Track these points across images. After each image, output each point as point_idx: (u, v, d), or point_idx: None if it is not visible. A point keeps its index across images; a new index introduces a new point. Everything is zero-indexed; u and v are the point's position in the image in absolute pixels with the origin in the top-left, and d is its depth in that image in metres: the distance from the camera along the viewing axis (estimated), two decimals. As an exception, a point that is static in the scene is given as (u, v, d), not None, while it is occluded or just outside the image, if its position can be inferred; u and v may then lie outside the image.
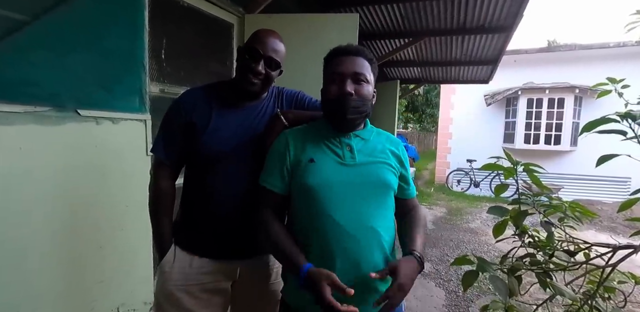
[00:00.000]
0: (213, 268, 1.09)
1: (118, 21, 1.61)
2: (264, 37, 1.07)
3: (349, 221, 0.89)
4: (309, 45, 2.36)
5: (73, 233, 1.42)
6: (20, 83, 1.26)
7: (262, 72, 1.06)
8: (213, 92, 1.14)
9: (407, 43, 4.38)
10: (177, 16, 2.11)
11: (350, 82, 0.93)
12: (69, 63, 1.40)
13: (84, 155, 1.46)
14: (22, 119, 1.26)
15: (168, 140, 1.11)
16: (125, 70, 1.65)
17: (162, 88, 1.99)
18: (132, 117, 1.66)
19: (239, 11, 2.52)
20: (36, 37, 1.30)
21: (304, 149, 0.96)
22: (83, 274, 1.47)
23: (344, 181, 0.92)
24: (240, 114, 1.11)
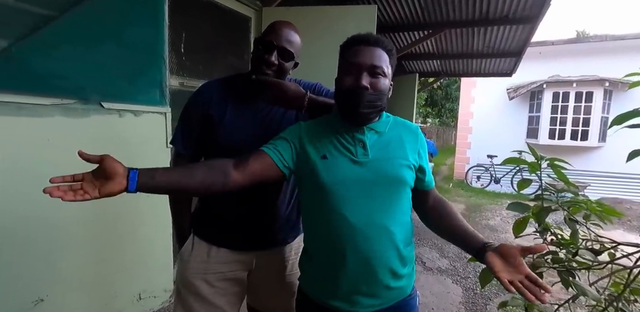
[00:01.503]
0: (230, 258, 1.11)
1: (139, 16, 1.64)
2: (278, 29, 1.07)
3: (360, 219, 0.88)
4: (326, 37, 2.33)
5: (96, 222, 1.48)
6: (47, 76, 1.30)
7: (275, 63, 1.04)
8: (229, 84, 1.14)
9: (427, 35, 4.27)
10: (195, 10, 2.13)
11: (366, 74, 0.89)
12: (93, 57, 1.44)
13: (107, 146, 1.51)
14: (50, 111, 1.31)
15: (186, 132, 1.13)
16: (146, 64, 1.68)
17: (182, 81, 2.02)
18: (153, 110, 1.69)
19: (257, 4, 2.52)
20: (62, 31, 1.34)
21: (317, 144, 0.94)
22: (106, 262, 1.53)
23: (356, 178, 0.90)
24: (256, 105, 1.11)
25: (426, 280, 2.94)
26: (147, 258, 1.70)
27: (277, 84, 1.01)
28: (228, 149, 1.07)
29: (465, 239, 0.91)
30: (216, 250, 1.11)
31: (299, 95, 1.02)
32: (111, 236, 1.54)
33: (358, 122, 0.93)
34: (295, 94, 1.02)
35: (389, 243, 0.90)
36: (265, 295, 1.19)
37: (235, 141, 1.07)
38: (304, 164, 0.93)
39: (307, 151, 0.93)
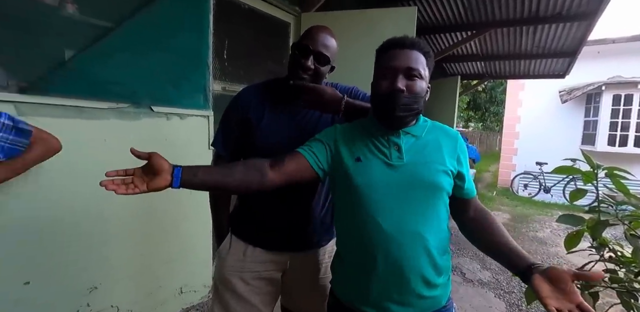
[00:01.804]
0: (265, 258, 1.13)
1: (187, 24, 1.74)
2: (315, 33, 1.08)
3: (392, 225, 0.86)
4: (364, 41, 2.33)
5: (143, 218, 1.58)
6: (104, 83, 1.42)
7: (311, 67, 1.06)
8: (267, 89, 1.18)
9: (470, 36, 4.11)
10: (237, 17, 2.22)
11: (402, 77, 0.87)
12: (144, 64, 1.55)
13: (156, 147, 1.58)
14: (106, 115, 1.42)
15: (226, 134, 1.17)
16: (192, 70, 1.78)
17: (224, 86, 2.11)
18: (197, 114, 1.78)
19: (296, 10, 2.57)
20: (118, 41, 1.46)
21: (352, 146, 0.94)
22: (151, 255, 1.63)
23: (390, 182, 0.88)
24: (292, 109, 1.12)
25: (465, 292, 2.80)
26: (188, 253, 1.78)
27: (313, 88, 1.02)
28: (265, 151, 1.10)
29: (510, 257, 0.85)
30: (252, 249, 1.13)
31: (336, 99, 1.02)
32: (156, 230, 1.64)
33: (394, 126, 0.92)
34: (331, 98, 1.02)
35: (422, 250, 0.87)
36: (298, 296, 1.20)
37: (272, 144, 1.10)
38: (338, 166, 0.93)
39: (341, 153, 0.93)
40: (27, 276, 1.22)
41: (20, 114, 1.20)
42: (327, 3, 2.58)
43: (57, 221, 1.29)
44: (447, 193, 0.92)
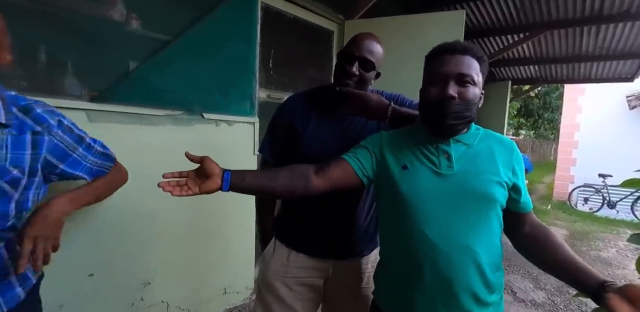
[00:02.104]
0: (308, 264, 1.14)
1: (236, 35, 1.83)
2: (360, 40, 1.09)
3: (440, 236, 0.82)
4: (409, 47, 2.29)
5: (192, 219, 1.66)
6: (162, 91, 1.53)
7: (356, 73, 1.05)
8: (313, 96, 1.20)
9: (523, 38, 3.89)
10: (282, 27, 2.29)
11: (453, 84, 0.84)
12: (197, 73, 1.65)
13: (205, 152, 1.66)
14: (163, 121, 1.53)
15: (272, 141, 1.21)
16: (239, 79, 1.86)
17: (269, 93, 2.18)
18: (243, 120, 1.86)
19: (339, 18, 2.61)
20: (175, 53, 1.57)
21: (398, 154, 0.92)
22: (198, 255, 1.70)
23: (439, 191, 0.85)
24: (338, 116, 1.12)
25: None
26: (231, 255, 1.84)
27: (359, 95, 1.02)
28: (310, 158, 1.11)
29: (577, 276, 0.78)
30: (295, 255, 1.14)
31: (382, 106, 1.01)
32: (203, 231, 1.71)
33: (444, 134, 0.89)
34: (377, 105, 1.01)
35: (472, 265, 0.82)
36: (339, 305, 1.19)
37: (317, 151, 1.11)
38: (384, 173, 0.91)
39: (387, 161, 0.91)
40: (92, 269, 1.33)
41: (90, 120, 1.33)
42: (370, 10, 2.59)
43: (116, 218, 1.40)
44: (501, 206, 0.87)
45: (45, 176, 0.88)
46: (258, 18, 1.93)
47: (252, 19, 1.89)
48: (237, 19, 1.82)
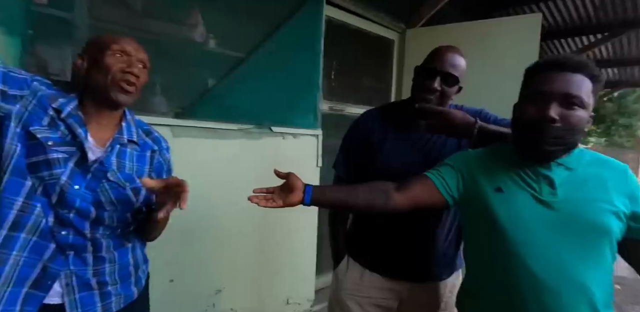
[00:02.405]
0: (382, 285, 1.11)
1: (302, 49, 1.87)
2: (442, 54, 1.04)
3: (547, 271, 0.74)
4: (478, 55, 2.18)
5: (261, 231, 1.71)
6: (236, 107, 1.60)
7: (437, 89, 1.01)
8: (389, 111, 1.17)
9: (601, 39, 3.54)
10: (344, 38, 2.30)
11: (556, 105, 0.75)
12: (266, 88, 1.71)
13: (273, 164, 1.71)
14: (236, 135, 1.60)
15: (347, 157, 1.20)
16: (304, 92, 1.89)
17: (331, 105, 2.19)
18: (308, 133, 1.88)
19: (400, 27, 2.57)
20: (247, 69, 1.64)
21: (490, 175, 0.85)
22: (264, 266, 1.74)
23: (542, 220, 0.77)
24: (416, 132, 1.08)
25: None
26: (294, 267, 1.86)
27: (442, 112, 0.98)
28: (387, 175, 1.08)
29: None
30: (369, 274, 1.12)
31: (468, 123, 0.95)
32: (270, 243, 1.76)
33: (540, 159, 0.81)
34: (463, 122, 0.96)
35: (586, 305, 0.74)
36: None
37: (394, 168, 1.08)
38: (473, 195, 0.86)
39: (477, 181, 0.86)
40: (172, 274, 1.41)
41: (174, 135, 1.43)
42: (432, 18, 2.52)
43: (193, 226, 1.48)
44: (616, 239, 0.78)
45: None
46: (322, 32, 1.96)
47: (317, 33, 1.93)
48: (303, 34, 1.86)
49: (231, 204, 1.58)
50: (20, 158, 0.80)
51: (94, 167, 0.86)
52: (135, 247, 0.99)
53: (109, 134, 0.91)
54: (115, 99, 0.88)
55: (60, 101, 0.87)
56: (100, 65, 0.88)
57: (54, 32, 1.17)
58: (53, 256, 0.82)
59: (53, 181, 0.81)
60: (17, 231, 0.80)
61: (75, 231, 0.84)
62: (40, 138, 0.81)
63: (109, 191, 0.87)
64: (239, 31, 1.64)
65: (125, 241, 0.94)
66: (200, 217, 1.50)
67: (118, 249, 0.92)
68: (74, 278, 0.84)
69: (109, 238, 0.90)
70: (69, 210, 0.83)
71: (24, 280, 0.80)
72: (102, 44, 0.90)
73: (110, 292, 0.90)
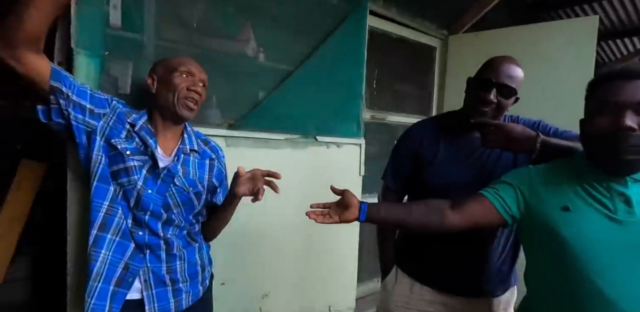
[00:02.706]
0: (433, 298, 1.10)
1: (346, 60, 1.90)
2: (498, 64, 1.01)
3: (623, 296, 0.71)
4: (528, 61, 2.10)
5: (306, 239, 1.75)
6: (283, 117, 1.66)
7: (493, 101, 1.00)
8: (442, 123, 1.16)
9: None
10: (385, 47, 2.31)
11: (631, 113, 0.73)
12: (312, 99, 1.75)
13: (317, 173, 1.78)
14: (283, 145, 1.66)
15: (396, 168, 1.20)
16: (347, 101, 1.92)
17: (372, 114, 2.20)
18: (351, 142, 1.91)
19: (442, 34, 2.53)
20: (294, 81, 1.70)
21: (556, 192, 0.82)
22: (307, 273, 1.78)
23: (618, 241, 0.74)
24: (469, 145, 1.07)
25: None
26: (337, 275, 1.89)
27: (499, 126, 0.96)
28: (438, 188, 1.08)
29: None
30: (420, 287, 1.12)
31: (528, 137, 0.93)
32: (314, 251, 1.79)
33: (619, 172, 0.78)
34: (522, 136, 0.94)
35: None
36: None
37: (447, 182, 1.07)
38: (536, 214, 0.84)
39: (540, 200, 0.83)
40: (223, 278, 1.48)
41: (227, 145, 1.50)
42: (476, 23, 2.46)
43: (243, 232, 1.55)
44: None
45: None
46: (365, 42, 1.98)
47: (360, 44, 1.95)
48: (347, 46, 1.89)
49: (278, 211, 1.63)
50: (105, 167, 0.92)
51: (164, 174, 0.96)
52: (202, 248, 1.09)
53: (174, 145, 1.03)
54: (180, 114, 0.99)
55: (133, 116, 0.99)
56: (169, 85, 0.99)
57: (126, 52, 1.29)
58: (133, 254, 0.93)
59: (131, 186, 0.92)
60: (104, 232, 0.90)
61: (150, 231, 0.94)
62: (120, 149, 0.92)
63: (176, 194, 0.98)
64: (287, 45, 1.70)
65: (191, 240, 1.05)
66: (249, 224, 1.56)
67: (186, 248, 1.02)
68: (150, 275, 0.94)
69: (178, 237, 1.00)
70: (145, 212, 0.93)
71: (110, 278, 0.90)
72: (170, 66, 1.01)
73: (181, 289, 0.99)
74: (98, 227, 0.90)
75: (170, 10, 1.38)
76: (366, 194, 2.07)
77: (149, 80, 1.02)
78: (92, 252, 0.89)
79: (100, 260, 0.89)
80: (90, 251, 0.89)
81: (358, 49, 1.95)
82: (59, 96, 0.87)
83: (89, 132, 0.92)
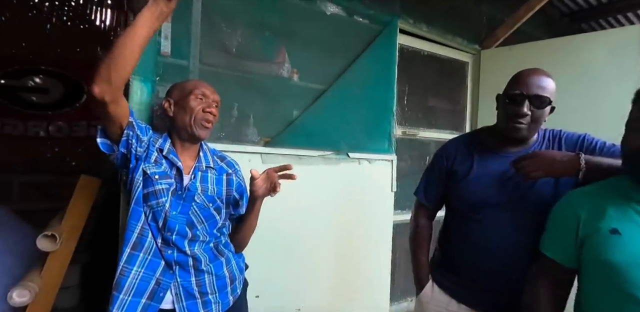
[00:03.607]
0: None
1: (377, 78, 1.95)
2: (526, 77, 1.00)
3: None
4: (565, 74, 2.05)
5: (338, 256, 1.76)
6: (317, 135, 1.72)
7: (526, 113, 0.98)
8: (475, 139, 1.15)
9: None
10: (416, 64, 2.33)
11: None
12: (344, 116, 1.80)
13: (349, 189, 1.81)
14: (317, 161, 1.71)
15: (428, 184, 1.20)
16: (379, 118, 1.95)
17: (404, 130, 2.21)
18: (382, 158, 1.92)
19: (474, 49, 2.52)
20: (327, 100, 1.76)
21: (602, 215, 0.79)
22: (339, 289, 1.78)
23: None
24: (504, 161, 1.04)
25: None
26: (369, 293, 1.87)
27: (535, 155, 0.95)
28: (470, 205, 1.07)
29: None
30: (456, 305, 1.09)
31: (570, 160, 0.90)
32: (346, 268, 1.80)
33: None
34: (563, 159, 0.91)
35: None
36: None
37: (478, 198, 1.06)
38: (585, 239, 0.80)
39: (589, 224, 0.80)
40: (258, 291, 1.52)
41: (263, 162, 1.57)
42: (509, 38, 2.43)
43: (277, 247, 1.59)
44: None
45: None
46: (396, 60, 2.02)
47: (391, 62, 1.99)
48: (378, 63, 1.94)
49: (312, 226, 1.67)
50: (141, 190, 0.99)
51: (185, 193, 1.02)
52: (230, 261, 1.12)
53: (191, 163, 1.09)
54: (197, 134, 1.06)
55: (160, 141, 1.06)
56: (186, 107, 1.06)
57: (174, 77, 1.41)
58: (163, 271, 0.98)
59: (159, 208, 0.99)
60: (137, 251, 0.97)
61: (178, 249, 1.00)
62: (149, 173, 0.99)
63: (198, 211, 1.04)
64: (319, 65, 1.78)
65: (219, 254, 1.09)
66: (283, 239, 1.61)
67: (214, 262, 1.06)
68: (180, 289, 1.00)
69: (205, 252, 1.04)
70: (172, 233, 0.99)
71: (142, 292, 0.96)
72: (185, 89, 1.09)
73: (210, 300, 1.03)
74: (131, 246, 0.96)
75: (212, 37, 1.51)
76: (398, 210, 2.05)
77: (166, 104, 1.09)
78: (123, 269, 0.95)
79: (131, 276, 0.95)
80: (122, 267, 0.95)
81: (389, 67, 1.99)
82: (129, 129, 0.96)
83: (137, 157, 1.00)
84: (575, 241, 0.82)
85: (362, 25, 1.90)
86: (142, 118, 1.22)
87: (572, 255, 0.83)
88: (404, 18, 2.07)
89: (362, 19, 1.90)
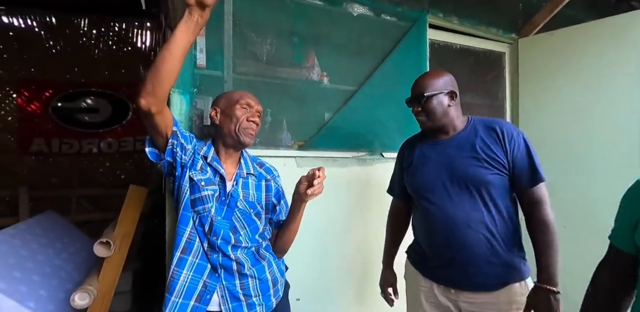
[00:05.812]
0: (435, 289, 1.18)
1: (408, 75, 1.87)
2: (414, 83, 1.26)
3: None
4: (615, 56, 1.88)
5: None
6: (350, 136, 1.70)
7: (418, 110, 1.22)
8: (418, 136, 1.34)
9: None
10: (451, 58, 2.25)
11: None
12: (376, 116, 1.78)
13: (383, 189, 1.76)
14: (351, 162, 1.69)
15: (392, 180, 1.42)
16: (411, 116, 1.86)
17: (440, 127, 2.13)
18: (419, 157, 1.86)
19: (511, 38, 2.39)
20: (358, 101, 1.74)
21: None
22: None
23: None
24: (439, 148, 1.19)
25: None
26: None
27: None
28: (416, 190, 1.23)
29: None
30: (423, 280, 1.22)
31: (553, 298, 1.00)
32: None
33: None
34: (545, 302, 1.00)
35: None
36: None
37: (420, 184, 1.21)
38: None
39: None
40: (298, 294, 1.51)
41: (298, 165, 1.58)
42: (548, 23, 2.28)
43: (314, 250, 1.58)
44: None
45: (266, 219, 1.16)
46: (427, 57, 1.97)
47: (421, 57, 1.95)
48: (408, 60, 1.90)
49: (348, 228, 1.64)
50: (188, 196, 1.03)
51: (229, 199, 1.04)
52: (271, 265, 1.13)
53: (233, 170, 1.13)
54: (242, 141, 1.09)
55: (205, 149, 1.11)
56: (232, 116, 1.10)
57: (210, 88, 1.46)
58: (210, 273, 1.02)
59: (206, 213, 1.02)
60: (186, 254, 1.01)
61: (223, 253, 1.02)
62: (196, 180, 1.03)
63: (241, 217, 1.07)
64: (349, 66, 1.77)
65: (260, 258, 1.11)
66: (319, 242, 1.60)
67: (256, 266, 1.08)
68: (226, 291, 1.02)
69: (247, 256, 1.06)
70: (217, 237, 1.02)
71: (191, 294, 0.99)
72: (231, 99, 1.13)
73: (254, 303, 1.05)
74: (181, 250, 1.01)
75: (244, 48, 1.56)
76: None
77: (212, 113, 1.14)
78: (174, 272, 0.99)
79: (181, 279, 0.99)
80: (173, 271, 0.99)
81: (419, 64, 1.94)
82: (174, 138, 1.01)
83: (182, 165, 1.05)
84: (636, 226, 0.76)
85: (390, 24, 1.88)
86: (183, 128, 1.28)
87: (631, 241, 0.78)
88: (433, 12, 2.02)
89: (390, 17, 1.88)
